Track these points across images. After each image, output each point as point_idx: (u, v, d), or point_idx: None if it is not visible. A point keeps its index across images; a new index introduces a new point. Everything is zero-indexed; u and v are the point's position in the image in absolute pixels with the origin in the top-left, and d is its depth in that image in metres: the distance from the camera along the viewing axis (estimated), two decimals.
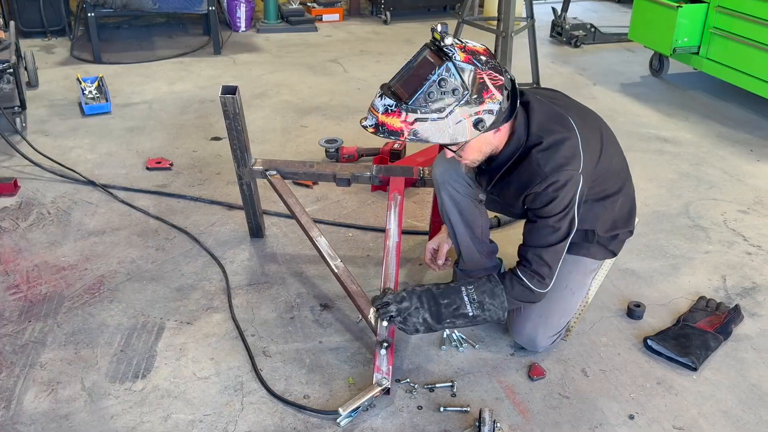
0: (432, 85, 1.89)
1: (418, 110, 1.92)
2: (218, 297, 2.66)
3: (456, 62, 1.89)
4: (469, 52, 1.93)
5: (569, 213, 2.09)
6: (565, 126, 2.09)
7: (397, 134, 1.96)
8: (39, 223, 3.11)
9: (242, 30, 6.26)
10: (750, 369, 2.34)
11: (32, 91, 4.62)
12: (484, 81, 1.92)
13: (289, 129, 4.17)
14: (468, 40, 2.01)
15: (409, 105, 1.92)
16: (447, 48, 1.90)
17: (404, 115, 1.93)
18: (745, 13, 4.36)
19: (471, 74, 1.90)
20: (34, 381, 2.23)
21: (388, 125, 1.95)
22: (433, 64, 1.91)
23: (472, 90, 1.91)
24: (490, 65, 1.94)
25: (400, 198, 2.66)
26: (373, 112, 1.99)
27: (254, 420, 2.10)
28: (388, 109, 1.94)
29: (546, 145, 2.04)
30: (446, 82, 1.89)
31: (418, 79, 1.91)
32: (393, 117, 1.94)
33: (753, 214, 3.29)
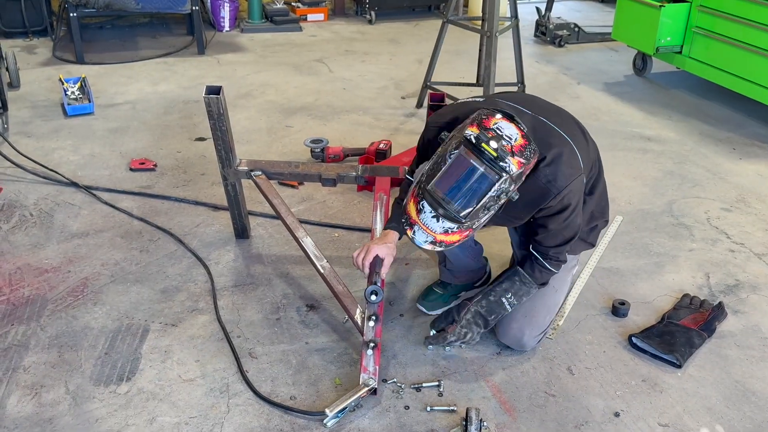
0: (490, 199, 1.90)
1: (476, 222, 1.95)
2: (203, 298, 2.64)
3: (512, 174, 1.88)
4: (517, 154, 1.89)
5: (577, 210, 2.15)
6: (553, 133, 2.10)
7: (454, 244, 2.00)
8: (21, 225, 3.08)
9: (226, 30, 6.23)
10: (734, 366, 2.36)
11: (14, 92, 4.57)
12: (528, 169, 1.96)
13: (275, 129, 4.16)
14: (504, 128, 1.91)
15: (469, 223, 1.93)
16: (502, 162, 1.86)
17: (465, 230, 1.96)
18: (727, 13, 4.40)
19: (521, 174, 1.92)
20: (18, 385, 2.21)
21: (447, 242, 1.98)
22: (489, 177, 1.87)
23: (517, 182, 1.93)
24: (532, 153, 1.93)
25: (386, 198, 2.66)
26: (428, 231, 1.95)
27: (240, 422, 2.09)
28: (449, 231, 1.94)
29: (549, 159, 2.04)
30: (503, 193, 1.90)
31: (475, 197, 1.88)
32: (453, 235, 1.96)
33: (736, 212, 3.32)
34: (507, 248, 2.85)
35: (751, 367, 2.35)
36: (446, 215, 1.91)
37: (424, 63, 4.61)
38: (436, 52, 4.30)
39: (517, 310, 2.33)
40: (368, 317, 2.26)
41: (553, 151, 2.05)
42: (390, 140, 3.74)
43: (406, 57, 5.62)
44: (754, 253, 3.00)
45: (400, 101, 4.65)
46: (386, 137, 4.00)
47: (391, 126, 4.24)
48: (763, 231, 3.16)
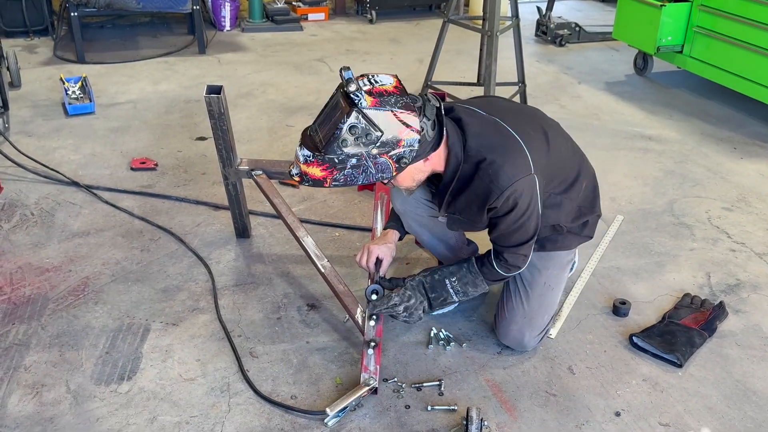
0: (344, 132, 1.88)
1: (335, 158, 1.91)
2: (204, 298, 2.64)
3: (363, 109, 1.87)
4: (376, 94, 1.89)
5: (533, 212, 2.10)
6: (503, 133, 2.08)
7: (321, 183, 1.95)
8: (22, 224, 3.09)
9: (227, 29, 6.23)
10: (734, 365, 2.36)
11: (15, 91, 4.57)
12: (396, 121, 1.90)
13: (275, 128, 4.16)
14: (378, 77, 1.95)
15: (325, 155, 1.91)
16: (353, 95, 1.88)
17: (323, 164, 1.92)
18: (728, 12, 4.40)
19: (382, 117, 1.89)
20: (19, 384, 2.21)
21: (310, 175, 1.95)
22: (341, 108, 1.89)
23: (385, 131, 1.89)
24: (400, 104, 1.91)
25: (387, 197, 2.66)
26: (296, 162, 1.98)
27: (241, 421, 2.09)
28: (307, 159, 1.93)
29: (491, 159, 2.02)
30: (357, 129, 1.88)
31: (331, 127, 1.90)
32: (313, 167, 1.93)
33: (737, 212, 3.32)
34: None
35: (752, 367, 2.35)
36: (306, 140, 1.96)
37: (425, 62, 4.61)
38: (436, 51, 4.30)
39: (517, 313, 2.33)
40: (369, 317, 2.26)
41: (495, 153, 2.03)
42: None
43: (406, 56, 5.62)
44: (755, 252, 3.00)
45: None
46: None
47: None
48: (764, 230, 3.16)
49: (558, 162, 2.19)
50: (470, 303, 2.63)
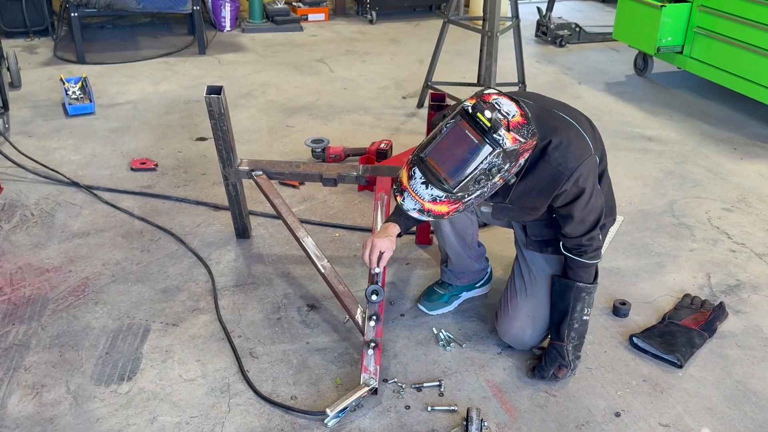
0: (482, 172, 1.87)
1: (465, 194, 1.91)
2: (204, 298, 2.64)
3: (506, 148, 1.85)
4: (514, 129, 1.87)
5: (596, 191, 2.12)
6: (557, 119, 2.09)
7: (443, 216, 1.97)
8: (22, 225, 3.09)
9: (227, 30, 6.23)
10: (734, 366, 2.36)
11: (15, 91, 4.57)
12: (523, 150, 1.91)
13: (275, 129, 4.16)
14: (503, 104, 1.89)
15: (458, 194, 1.90)
16: (497, 135, 1.84)
17: (453, 201, 1.92)
18: (728, 13, 4.40)
19: (516, 152, 1.89)
20: (19, 384, 2.21)
21: (435, 212, 1.94)
22: (481, 148, 1.85)
23: (512, 159, 1.90)
24: (530, 133, 1.91)
25: (387, 198, 2.66)
26: (416, 198, 1.94)
27: (241, 421, 2.09)
28: (437, 199, 1.91)
29: (556, 142, 2.02)
30: (495, 168, 1.87)
31: (466, 166, 1.86)
32: (441, 205, 1.93)
33: (737, 212, 3.32)
34: (507, 248, 2.85)
35: (752, 368, 2.35)
36: (428, 174, 1.90)
37: (425, 63, 4.61)
38: (437, 52, 4.30)
39: (520, 310, 2.32)
40: (369, 317, 2.26)
41: (560, 135, 2.03)
42: (391, 140, 3.73)
43: (407, 57, 5.62)
44: (755, 253, 3.00)
45: (401, 101, 4.65)
46: (387, 137, 4.00)
47: (392, 126, 4.24)
48: (764, 231, 3.16)
49: (600, 151, 2.21)
50: (471, 303, 2.64)
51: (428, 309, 2.58)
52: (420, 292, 2.67)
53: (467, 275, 2.61)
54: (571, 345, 2.23)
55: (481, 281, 2.67)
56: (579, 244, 2.16)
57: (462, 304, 2.62)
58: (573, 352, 2.24)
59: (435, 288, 2.62)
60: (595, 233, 2.17)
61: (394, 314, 2.58)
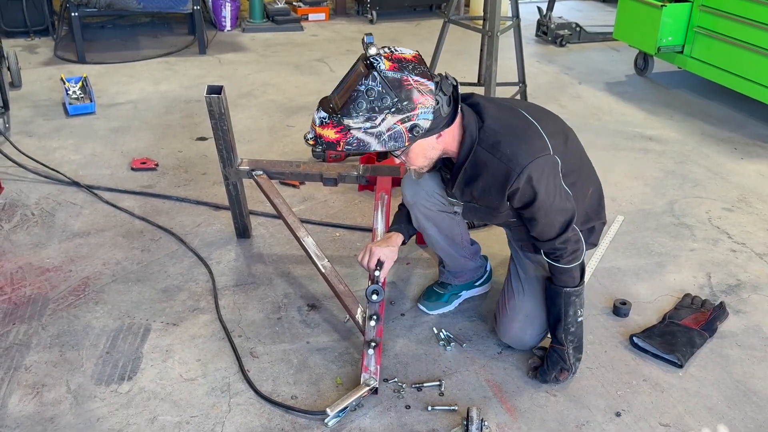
0: (360, 95, 1.90)
1: (350, 121, 1.92)
2: (205, 298, 2.64)
3: (381, 71, 1.90)
4: (395, 60, 1.93)
5: (561, 190, 2.07)
6: (520, 117, 2.08)
7: (334, 145, 1.97)
8: (23, 224, 3.09)
9: (227, 29, 6.23)
10: (735, 366, 2.36)
11: (15, 91, 4.58)
12: (412, 87, 1.92)
13: (276, 129, 4.16)
14: (399, 48, 2.00)
15: (341, 117, 1.93)
16: (372, 58, 1.91)
17: (338, 126, 1.94)
18: (729, 12, 4.40)
19: (398, 82, 1.90)
20: (19, 384, 2.21)
21: (325, 137, 1.97)
22: (362, 74, 1.92)
23: (401, 96, 1.91)
24: (418, 71, 1.94)
25: (387, 197, 2.66)
26: (312, 125, 2.01)
27: (241, 421, 2.09)
28: (323, 121, 1.97)
29: (508, 139, 2.01)
30: (373, 91, 1.89)
31: (349, 90, 1.93)
32: (328, 129, 1.96)
33: (737, 212, 3.32)
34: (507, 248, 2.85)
35: (753, 367, 2.35)
36: (324, 104, 1.99)
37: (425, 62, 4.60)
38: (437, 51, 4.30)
39: (519, 311, 2.32)
40: (369, 317, 2.26)
41: (513, 132, 2.03)
42: None
43: None
44: (756, 253, 3.00)
45: None
46: None
47: None
48: (764, 231, 3.16)
49: (573, 155, 2.18)
50: (471, 303, 2.64)
51: (428, 309, 2.58)
52: (420, 292, 2.67)
53: (465, 274, 2.61)
54: (572, 347, 2.23)
55: (480, 279, 2.67)
56: (554, 248, 2.13)
57: (462, 303, 2.63)
58: (574, 354, 2.24)
59: (435, 288, 2.62)
60: (569, 235, 2.11)
61: (395, 314, 2.58)
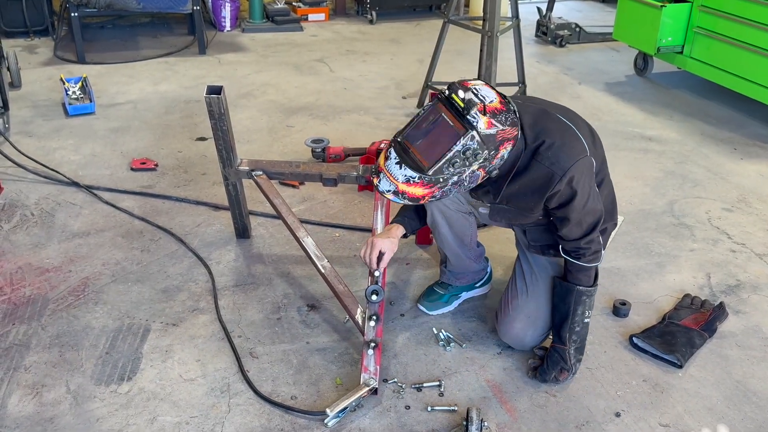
0: (456, 155, 1.86)
1: (440, 177, 1.90)
2: (204, 298, 2.64)
3: (480, 131, 1.86)
4: (490, 114, 1.88)
5: (594, 192, 2.10)
6: (554, 119, 2.08)
7: (418, 200, 1.96)
8: (22, 224, 3.09)
9: (227, 30, 6.23)
10: (734, 366, 2.36)
11: (15, 91, 4.57)
12: (503, 139, 1.91)
13: (276, 129, 4.16)
14: (479, 88, 1.92)
15: (432, 176, 1.89)
16: (471, 117, 1.85)
17: (428, 184, 1.91)
18: (728, 13, 4.40)
19: (493, 138, 1.88)
20: (19, 384, 2.21)
21: (409, 194, 1.94)
22: (454, 129, 1.86)
23: (492, 149, 1.89)
24: (509, 121, 1.91)
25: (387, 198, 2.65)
26: (391, 179, 1.94)
27: (241, 421, 2.09)
28: (411, 179, 1.91)
29: (549, 142, 2.01)
30: (469, 150, 1.87)
31: (439, 146, 1.87)
32: (416, 187, 1.92)
33: (737, 212, 3.32)
34: (507, 248, 2.85)
35: (752, 368, 2.35)
36: (403, 156, 1.91)
37: (425, 63, 4.61)
38: (437, 52, 4.30)
39: (521, 311, 2.32)
40: (369, 317, 2.26)
41: (553, 135, 2.03)
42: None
43: (407, 57, 5.62)
44: (755, 253, 3.00)
45: (401, 101, 4.65)
46: (387, 137, 3.99)
47: (392, 126, 4.24)
48: (764, 231, 3.16)
49: (599, 157, 2.19)
50: (471, 303, 2.64)
51: (428, 309, 2.58)
52: (420, 292, 2.66)
53: (467, 275, 2.61)
54: (573, 348, 2.23)
55: (481, 281, 2.67)
56: (577, 247, 2.14)
57: (462, 304, 2.62)
58: (575, 355, 2.24)
59: (435, 288, 2.62)
60: (594, 236, 2.14)
61: (394, 314, 2.58)
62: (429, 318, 2.56)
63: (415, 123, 1.94)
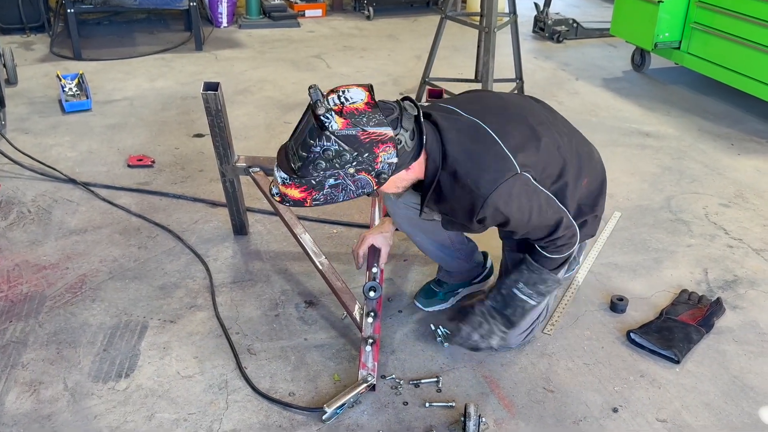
0: (317, 156, 1.82)
1: (311, 179, 1.87)
2: (202, 295, 2.64)
3: (335, 132, 1.81)
4: (347, 115, 1.82)
5: (538, 206, 1.99)
6: (480, 139, 1.97)
7: (301, 203, 1.92)
8: (19, 222, 3.08)
9: (224, 26, 6.22)
10: (731, 361, 2.36)
11: (11, 88, 4.56)
12: (370, 140, 1.83)
13: (273, 125, 4.15)
14: (348, 92, 1.87)
15: (300, 178, 1.87)
16: (323, 117, 1.81)
17: (300, 186, 1.89)
18: (726, 8, 4.40)
19: (353, 138, 1.82)
20: (16, 381, 2.21)
21: (290, 196, 1.92)
22: (310, 129, 1.84)
23: (360, 150, 1.83)
24: (373, 122, 1.82)
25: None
26: (275, 183, 1.95)
27: (239, 418, 2.09)
28: (284, 181, 1.90)
29: (469, 166, 1.93)
30: (330, 151, 1.82)
31: (305, 148, 1.84)
32: (291, 189, 1.90)
33: (734, 208, 3.33)
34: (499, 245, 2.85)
35: (749, 363, 2.36)
36: (282, 159, 1.92)
37: (423, 59, 4.60)
38: (434, 48, 4.30)
39: None
40: (367, 313, 2.26)
41: (476, 159, 1.94)
42: None
43: (404, 53, 5.62)
44: (752, 248, 3.00)
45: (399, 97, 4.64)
46: None
47: None
48: (761, 226, 3.17)
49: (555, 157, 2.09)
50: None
51: (424, 306, 2.58)
52: (417, 288, 2.66)
53: (461, 273, 2.59)
54: (487, 304, 2.19)
55: (479, 277, 2.66)
56: (541, 245, 2.13)
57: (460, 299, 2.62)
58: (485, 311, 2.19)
59: (432, 285, 2.62)
60: (559, 234, 2.07)
61: (392, 310, 2.58)
62: (427, 314, 2.56)
63: (296, 128, 1.93)
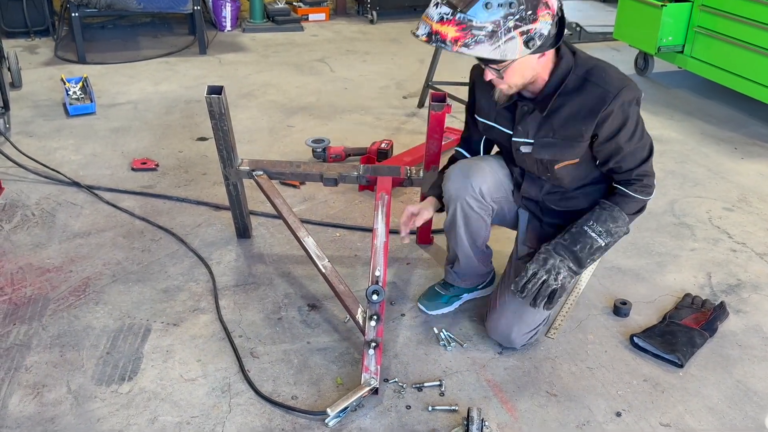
0: None
1: (474, 20, 1.87)
2: (205, 298, 2.64)
3: None
4: None
5: (642, 124, 2.16)
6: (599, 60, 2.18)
7: (450, 45, 1.91)
8: (23, 224, 3.09)
9: (228, 30, 6.23)
10: (735, 365, 2.36)
11: (16, 91, 4.58)
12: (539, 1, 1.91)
13: (276, 129, 4.16)
14: None
15: (466, 14, 1.87)
16: None
17: (461, 24, 1.88)
18: (729, 12, 4.39)
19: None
20: (20, 384, 2.22)
21: (442, 34, 1.91)
22: None
23: (528, 5, 1.89)
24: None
25: (388, 198, 2.65)
26: (427, 20, 1.93)
27: (242, 421, 2.10)
28: (444, 17, 1.89)
29: (602, 66, 2.11)
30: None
31: None
32: (448, 26, 1.89)
33: (737, 212, 3.32)
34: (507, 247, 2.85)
35: (753, 367, 2.35)
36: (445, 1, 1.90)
37: (426, 63, 4.60)
38: (437, 52, 4.30)
39: (507, 307, 2.30)
40: (370, 317, 2.26)
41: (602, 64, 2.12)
42: (391, 140, 3.74)
43: (407, 57, 5.62)
44: (756, 252, 2.99)
45: (402, 101, 4.65)
46: (388, 137, 4.00)
47: (393, 126, 4.24)
48: (764, 231, 3.16)
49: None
50: (472, 303, 2.63)
51: (427, 309, 2.58)
52: (420, 292, 2.66)
53: (472, 278, 2.60)
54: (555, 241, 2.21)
55: (484, 284, 2.66)
56: (628, 179, 2.21)
57: (463, 303, 2.62)
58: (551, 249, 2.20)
59: (436, 288, 2.62)
60: (647, 168, 2.21)
61: (395, 314, 2.58)
62: (430, 318, 2.56)
63: None
